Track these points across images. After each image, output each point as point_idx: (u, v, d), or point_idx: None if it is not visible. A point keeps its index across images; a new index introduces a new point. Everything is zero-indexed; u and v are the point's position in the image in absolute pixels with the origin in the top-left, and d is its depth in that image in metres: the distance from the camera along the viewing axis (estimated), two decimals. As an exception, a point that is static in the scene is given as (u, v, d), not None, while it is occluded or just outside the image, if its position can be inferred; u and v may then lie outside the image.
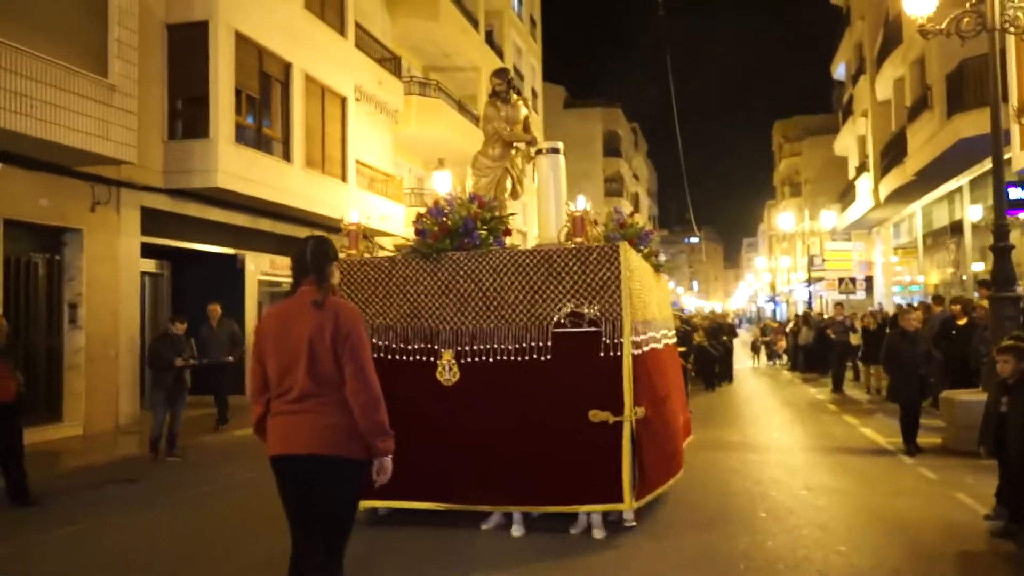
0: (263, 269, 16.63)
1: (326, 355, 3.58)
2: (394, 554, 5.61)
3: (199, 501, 7.49)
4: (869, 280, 32.00)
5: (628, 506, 5.87)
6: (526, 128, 8.01)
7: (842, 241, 34.34)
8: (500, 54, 29.51)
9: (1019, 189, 15.78)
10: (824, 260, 33.34)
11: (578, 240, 6.35)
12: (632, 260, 6.39)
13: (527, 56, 34.12)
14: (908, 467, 8.47)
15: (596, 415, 5.87)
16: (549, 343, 6.05)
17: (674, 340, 8.59)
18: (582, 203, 6.53)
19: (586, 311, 6.03)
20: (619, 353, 5.91)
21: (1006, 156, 16.62)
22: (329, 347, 3.58)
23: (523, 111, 8.00)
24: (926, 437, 9.56)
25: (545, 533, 5.99)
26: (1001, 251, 9.13)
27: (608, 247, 6.16)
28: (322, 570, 3.59)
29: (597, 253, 6.11)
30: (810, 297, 35.84)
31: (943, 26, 9.56)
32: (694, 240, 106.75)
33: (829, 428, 11.80)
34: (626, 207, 61.71)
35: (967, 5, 9.49)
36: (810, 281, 34.70)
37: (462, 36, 24.54)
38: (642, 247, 7.47)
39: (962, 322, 11.64)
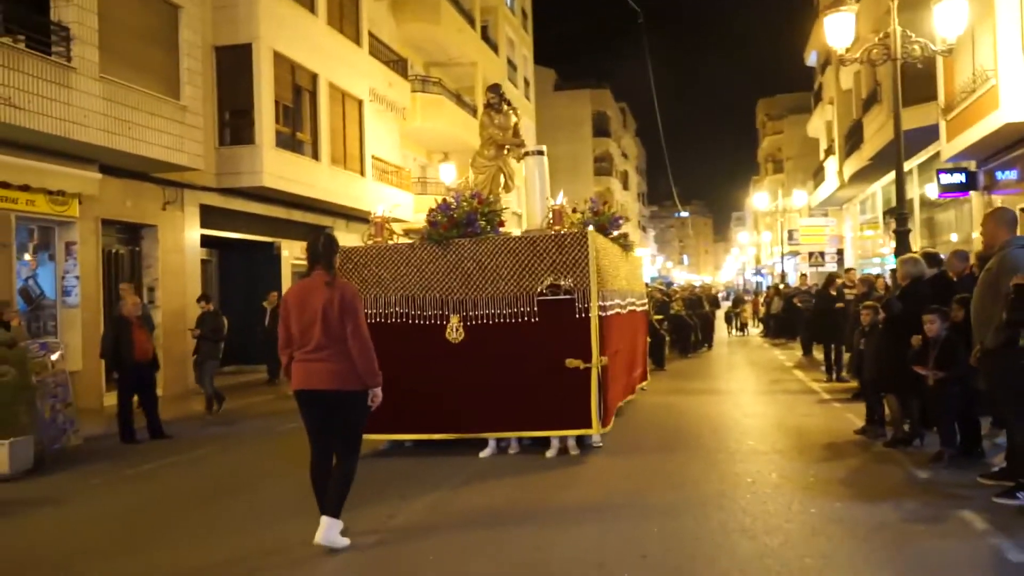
0: (295, 255, 19.02)
1: (335, 318, 4.95)
2: (407, 478, 6.99)
3: (275, 437, 9.59)
4: (840, 253, 34.59)
5: (596, 430, 7.77)
6: (516, 133, 9.66)
7: (818, 217, 36.91)
8: (495, 48, 31.74)
9: (948, 175, 18.31)
10: (800, 235, 35.92)
11: (556, 228, 8.10)
12: (599, 242, 8.21)
13: (519, 48, 36.33)
14: (823, 400, 11.05)
15: (571, 362, 7.67)
16: (535, 308, 7.76)
17: (643, 307, 10.98)
18: (560, 198, 8.54)
19: (563, 283, 7.75)
20: (588, 316, 7.69)
21: (936, 149, 19.17)
22: (337, 313, 4.94)
23: (513, 119, 9.70)
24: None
25: (530, 456, 7.74)
26: (901, 235, 11.61)
27: (579, 233, 7.94)
28: (342, 462, 5.04)
29: (571, 238, 7.85)
30: (783, 270, 38.27)
31: (858, 55, 12.00)
32: (684, 215, 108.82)
33: (776, 378, 14.40)
34: (616, 185, 63.92)
35: (876, 39, 11.91)
36: (783, 256, 37.13)
37: (460, 35, 26.78)
38: (612, 230, 9.62)
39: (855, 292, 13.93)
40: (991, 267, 5.36)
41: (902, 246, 11.63)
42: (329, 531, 4.93)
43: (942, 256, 9.03)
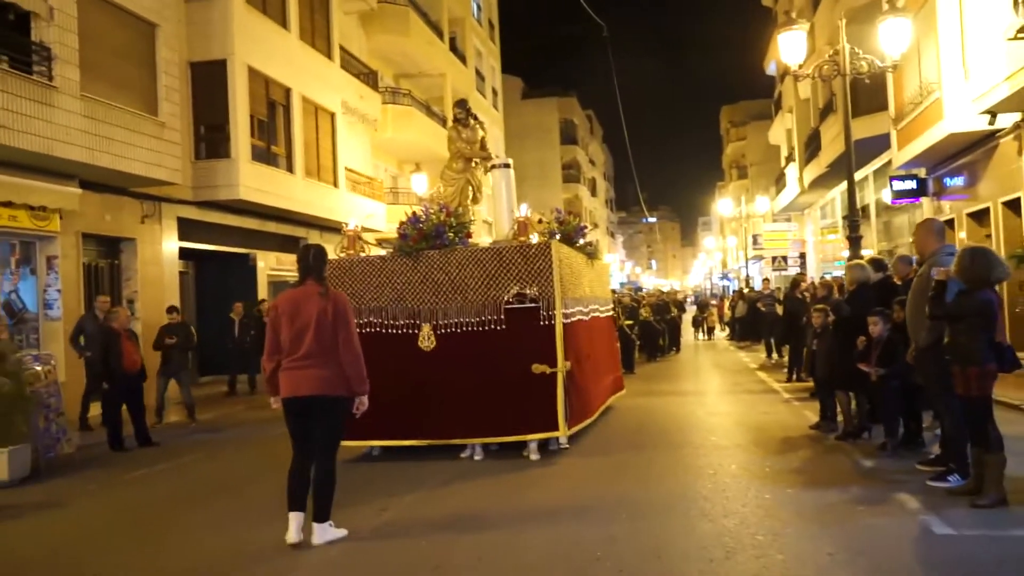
0: (271, 265, 19.35)
1: (327, 327, 5.14)
2: (384, 478, 7.34)
3: (258, 443, 9.88)
4: (803, 257, 35.55)
5: (563, 432, 7.99)
6: (483, 146, 9.94)
7: (781, 222, 37.89)
8: (463, 59, 32.25)
9: (900, 182, 19.14)
10: (764, 239, 36.84)
11: (521, 239, 8.40)
12: (562, 252, 8.48)
13: (487, 58, 36.88)
14: (784, 399, 11.66)
15: (537, 368, 7.90)
16: (502, 316, 7.99)
17: (608, 313, 11.42)
18: (524, 210, 8.87)
19: (528, 292, 7.99)
20: (553, 323, 7.96)
21: (883, 161, 20.02)
22: (330, 322, 5.15)
23: (480, 133, 9.92)
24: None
25: (503, 459, 7.93)
26: (853, 240, 12.30)
27: (543, 244, 8.21)
28: (322, 465, 5.24)
29: (535, 249, 8.11)
30: (748, 275, 39.15)
31: (809, 71, 12.69)
32: (652, 220, 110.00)
33: (740, 379, 15.03)
34: (584, 192, 64.62)
35: (826, 56, 12.60)
36: (747, 260, 38.01)
37: (429, 47, 27.26)
38: (577, 239, 9.95)
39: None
40: (922, 273, 5.95)
41: (854, 251, 12.32)
42: (324, 534, 5.21)
43: (886, 262, 9.68)
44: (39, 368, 8.78)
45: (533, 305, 8.03)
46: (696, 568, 4.57)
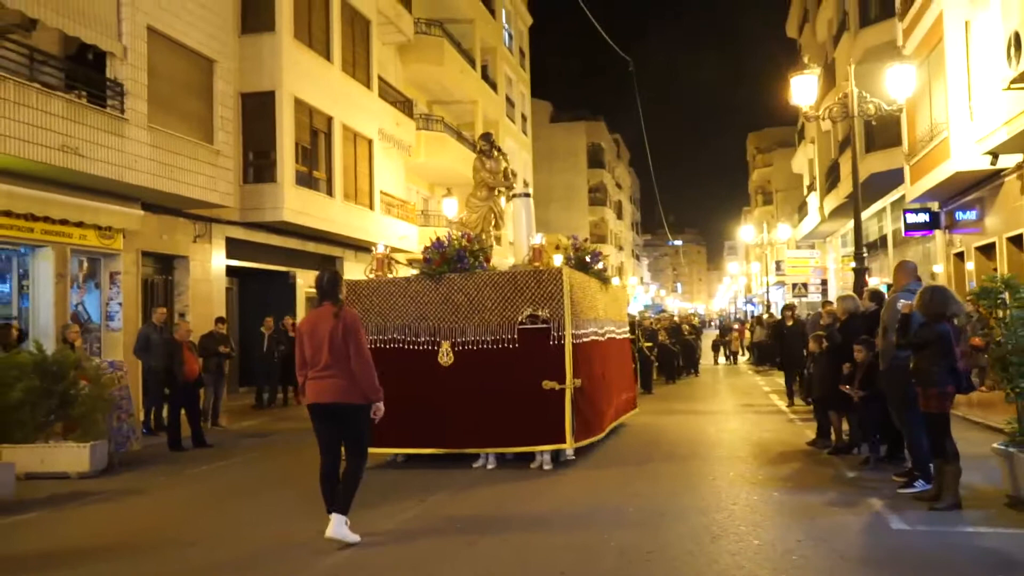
0: (308, 283, 20.41)
1: (339, 342, 5.73)
2: (406, 483, 7.95)
3: (300, 448, 11.01)
4: (825, 283, 36.17)
5: (570, 445, 8.57)
6: (506, 176, 10.69)
7: (804, 249, 38.56)
8: (494, 86, 33.44)
9: (914, 215, 19.89)
10: (786, 266, 37.52)
11: (536, 264, 9.18)
12: (574, 277, 9.16)
13: (517, 84, 38.08)
14: (788, 418, 12.47)
15: (547, 384, 8.49)
16: (516, 336, 8.61)
17: (623, 335, 12.18)
18: (539, 238, 9.70)
19: (540, 313, 8.61)
20: (563, 342, 8.55)
21: (900, 193, 20.77)
22: (341, 337, 5.73)
23: (503, 164, 10.68)
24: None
25: (514, 469, 8.55)
26: (858, 272, 13.10)
27: (555, 270, 8.90)
28: (352, 465, 5.79)
29: (547, 274, 8.79)
30: (768, 300, 39.77)
31: (820, 112, 13.57)
32: (677, 243, 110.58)
33: (753, 400, 15.83)
34: (609, 215, 65.47)
35: (835, 99, 13.47)
36: (768, 287, 38.68)
37: (462, 75, 28.45)
38: (593, 265, 10.64)
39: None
40: (887, 306, 6.83)
41: (859, 282, 13.14)
42: (339, 527, 5.67)
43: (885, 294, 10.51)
44: (113, 373, 9.86)
45: (545, 326, 8.64)
46: (686, 549, 5.46)
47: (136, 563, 5.56)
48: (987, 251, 16.83)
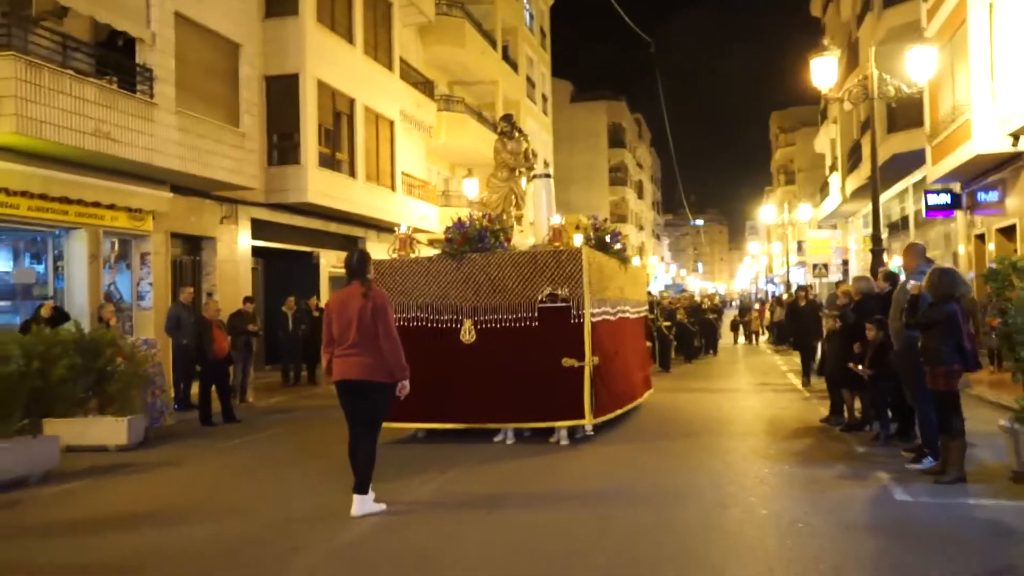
0: (332, 263, 20.78)
1: (368, 321, 5.84)
2: (427, 457, 8.24)
3: (326, 423, 11.34)
4: (846, 264, 36.07)
5: (588, 421, 8.78)
6: (526, 157, 10.84)
7: (825, 230, 38.41)
8: (515, 67, 33.48)
9: (935, 195, 19.83)
10: (807, 246, 37.45)
11: (555, 244, 9.28)
12: (593, 257, 9.23)
13: (538, 65, 38.07)
14: (804, 397, 12.66)
15: (566, 361, 8.71)
16: (536, 314, 8.82)
17: (639, 314, 12.26)
18: (558, 219, 9.76)
19: (559, 292, 8.79)
20: (582, 321, 8.73)
21: (923, 173, 20.70)
22: (370, 316, 5.84)
23: (524, 145, 10.84)
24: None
25: (532, 444, 8.83)
26: (875, 253, 13.20)
27: (575, 250, 8.99)
28: (366, 442, 5.96)
29: (567, 254, 8.93)
30: (789, 280, 39.73)
31: (840, 94, 13.63)
32: (698, 223, 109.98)
33: (769, 379, 16.01)
34: (630, 195, 65.34)
35: (856, 81, 13.52)
36: (788, 267, 38.62)
37: (482, 56, 28.54)
38: (613, 244, 10.77)
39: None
40: (900, 288, 7.00)
41: (876, 263, 13.24)
42: (363, 505, 5.92)
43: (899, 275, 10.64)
44: (147, 350, 10.23)
45: (564, 305, 8.83)
46: (698, 520, 5.71)
47: (180, 529, 5.90)
48: (1008, 232, 16.82)
